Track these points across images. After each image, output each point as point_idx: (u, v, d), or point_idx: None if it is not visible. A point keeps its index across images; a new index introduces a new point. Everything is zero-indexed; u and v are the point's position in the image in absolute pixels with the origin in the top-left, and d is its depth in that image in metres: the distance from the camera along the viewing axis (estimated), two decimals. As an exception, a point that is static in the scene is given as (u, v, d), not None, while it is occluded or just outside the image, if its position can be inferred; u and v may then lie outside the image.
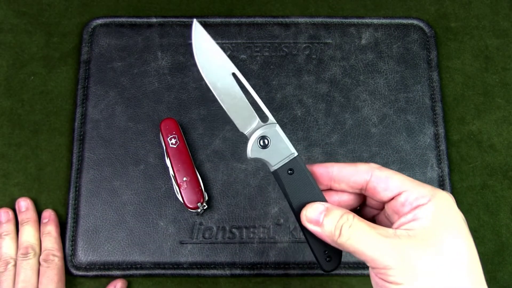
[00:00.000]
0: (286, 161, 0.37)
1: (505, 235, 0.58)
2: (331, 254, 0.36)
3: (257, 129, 0.38)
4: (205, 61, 0.38)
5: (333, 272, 0.55)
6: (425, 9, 0.65)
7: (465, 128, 0.61)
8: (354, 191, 0.37)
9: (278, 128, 0.38)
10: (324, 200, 0.36)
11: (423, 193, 0.33)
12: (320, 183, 0.37)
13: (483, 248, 0.57)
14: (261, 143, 0.38)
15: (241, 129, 0.38)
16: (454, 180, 0.59)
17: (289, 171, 0.37)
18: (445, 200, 0.33)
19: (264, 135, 0.38)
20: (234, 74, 0.38)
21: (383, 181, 0.34)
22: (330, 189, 0.38)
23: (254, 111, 0.38)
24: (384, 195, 0.34)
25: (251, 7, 0.65)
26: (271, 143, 0.38)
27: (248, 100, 0.38)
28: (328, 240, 0.34)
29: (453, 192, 0.58)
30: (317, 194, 0.36)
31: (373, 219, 0.38)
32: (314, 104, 0.60)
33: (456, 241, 0.32)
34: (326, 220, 0.34)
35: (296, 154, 0.37)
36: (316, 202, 0.35)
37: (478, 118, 0.61)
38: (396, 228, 0.33)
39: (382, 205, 0.37)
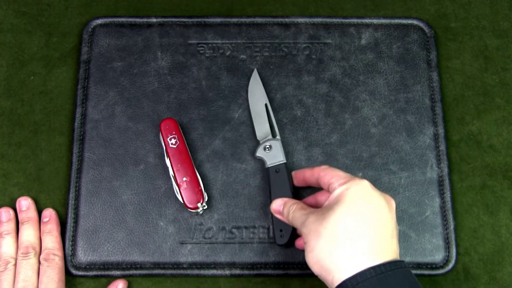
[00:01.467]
0: (277, 163, 0.56)
1: (504, 235, 0.58)
2: (284, 233, 0.54)
3: (267, 140, 0.57)
4: (252, 94, 0.59)
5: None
6: (425, 9, 0.65)
7: (465, 128, 0.61)
8: (317, 185, 0.51)
9: (279, 143, 0.57)
10: (289, 195, 0.54)
11: (340, 181, 0.46)
12: (298, 181, 0.55)
13: (483, 248, 0.57)
14: (266, 149, 0.56)
15: (258, 138, 0.58)
16: (454, 180, 0.59)
17: (277, 171, 0.55)
18: (355, 185, 0.45)
19: (270, 144, 0.57)
20: (266, 105, 0.59)
21: (322, 177, 0.49)
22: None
23: (269, 129, 0.58)
24: (325, 187, 0.49)
25: (251, 7, 0.65)
26: (271, 150, 0.56)
27: (269, 121, 0.58)
28: (286, 220, 0.50)
29: (453, 192, 0.58)
30: (287, 190, 0.55)
31: None
32: (314, 104, 0.60)
33: (345, 217, 0.43)
34: (284, 209, 0.50)
35: (284, 161, 0.56)
36: (279, 199, 0.51)
37: (478, 118, 0.61)
38: None
39: None
